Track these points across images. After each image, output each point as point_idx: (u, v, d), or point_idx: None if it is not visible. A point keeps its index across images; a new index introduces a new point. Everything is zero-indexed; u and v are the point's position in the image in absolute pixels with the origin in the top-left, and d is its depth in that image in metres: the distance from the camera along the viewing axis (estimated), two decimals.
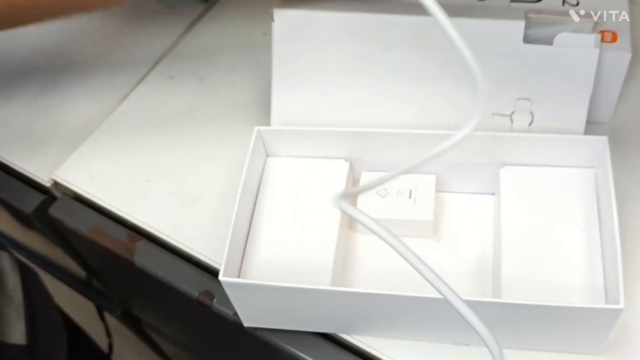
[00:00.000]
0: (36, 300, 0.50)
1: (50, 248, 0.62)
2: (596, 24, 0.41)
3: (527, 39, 0.41)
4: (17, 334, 0.46)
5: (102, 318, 0.63)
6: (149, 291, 0.48)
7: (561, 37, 0.40)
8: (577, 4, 0.43)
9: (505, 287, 0.37)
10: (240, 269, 0.40)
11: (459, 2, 0.44)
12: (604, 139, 0.39)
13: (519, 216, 0.40)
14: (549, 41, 0.41)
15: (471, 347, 0.38)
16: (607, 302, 0.36)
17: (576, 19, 0.41)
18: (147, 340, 0.70)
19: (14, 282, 0.48)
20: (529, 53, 0.41)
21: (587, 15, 0.42)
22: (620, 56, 0.41)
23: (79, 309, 0.62)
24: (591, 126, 0.44)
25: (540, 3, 0.44)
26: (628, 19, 0.43)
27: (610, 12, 0.43)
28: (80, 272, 0.61)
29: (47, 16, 0.43)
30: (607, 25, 0.42)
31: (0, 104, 0.54)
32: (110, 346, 0.64)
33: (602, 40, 0.41)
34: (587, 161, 0.40)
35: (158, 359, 0.78)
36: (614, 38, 0.42)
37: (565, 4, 0.43)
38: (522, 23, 0.41)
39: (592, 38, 0.40)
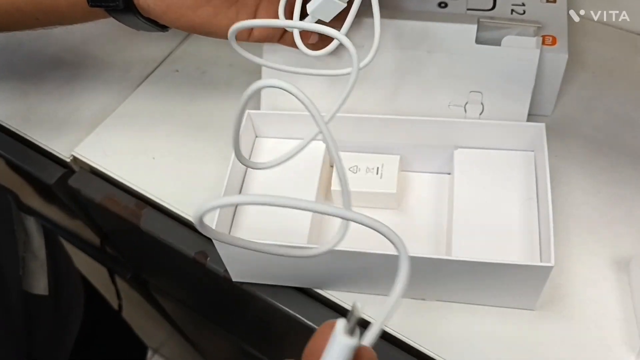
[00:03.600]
0: (57, 259, 0.49)
1: (69, 219, 0.61)
2: (538, 29, 0.41)
3: (478, 40, 0.41)
4: (40, 286, 0.45)
5: (113, 282, 0.62)
6: (153, 253, 0.48)
7: (508, 39, 0.40)
8: (524, 13, 0.43)
9: (455, 249, 0.37)
10: (230, 231, 0.40)
11: (423, 8, 0.44)
12: (541, 126, 0.39)
13: (469, 191, 0.40)
14: (497, 42, 0.41)
15: (426, 301, 0.38)
16: (541, 262, 0.36)
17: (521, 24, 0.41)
18: (152, 302, 0.68)
19: (38, 241, 0.48)
20: (480, 52, 0.41)
21: (531, 22, 0.41)
22: (558, 57, 0.41)
23: (93, 273, 0.61)
24: (534, 118, 0.43)
25: (492, 11, 0.43)
26: (566, 26, 0.42)
27: (551, 19, 0.43)
28: (95, 240, 0.60)
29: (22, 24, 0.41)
30: (548, 30, 0.42)
31: (30, 92, 0.53)
32: (120, 307, 0.63)
33: (544, 43, 0.41)
34: (527, 145, 0.40)
35: (161, 319, 0.77)
36: (554, 42, 0.41)
37: (513, 13, 0.43)
38: (475, 27, 0.40)
39: (534, 41, 0.40)
